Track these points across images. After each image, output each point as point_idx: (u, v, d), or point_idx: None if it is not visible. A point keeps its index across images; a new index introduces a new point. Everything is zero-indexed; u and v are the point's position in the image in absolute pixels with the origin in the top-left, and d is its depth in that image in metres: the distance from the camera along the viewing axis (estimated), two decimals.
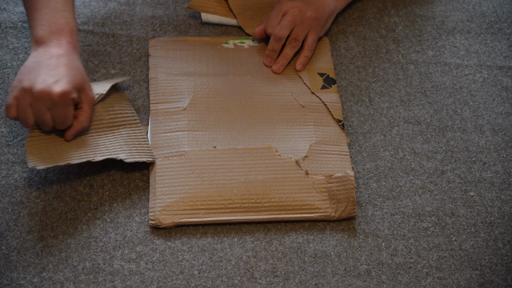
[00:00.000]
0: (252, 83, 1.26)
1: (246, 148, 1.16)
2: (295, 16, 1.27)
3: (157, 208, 1.11)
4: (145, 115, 1.23)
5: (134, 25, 1.36)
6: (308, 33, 1.28)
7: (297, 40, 1.27)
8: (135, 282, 1.06)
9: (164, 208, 1.11)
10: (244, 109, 1.23)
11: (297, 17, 1.27)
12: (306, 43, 1.28)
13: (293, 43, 1.27)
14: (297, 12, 1.27)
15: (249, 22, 1.35)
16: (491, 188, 1.18)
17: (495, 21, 1.39)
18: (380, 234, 1.12)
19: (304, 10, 1.27)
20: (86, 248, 1.09)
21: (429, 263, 1.10)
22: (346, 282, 1.07)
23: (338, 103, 1.25)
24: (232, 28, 1.36)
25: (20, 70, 1.11)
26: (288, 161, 1.15)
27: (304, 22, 1.27)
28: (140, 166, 1.17)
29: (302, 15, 1.27)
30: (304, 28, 1.28)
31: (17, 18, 1.35)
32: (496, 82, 1.31)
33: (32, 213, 1.12)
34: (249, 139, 1.19)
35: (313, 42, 1.28)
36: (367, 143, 1.22)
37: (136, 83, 1.28)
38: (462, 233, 1.13)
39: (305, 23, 1.27)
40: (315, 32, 1.29)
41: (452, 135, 1.24)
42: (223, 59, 1.30)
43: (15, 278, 1.06)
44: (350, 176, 1.12)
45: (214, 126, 1.20)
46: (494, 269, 1.09)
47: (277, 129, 1.20)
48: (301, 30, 1.27)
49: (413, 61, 1.33)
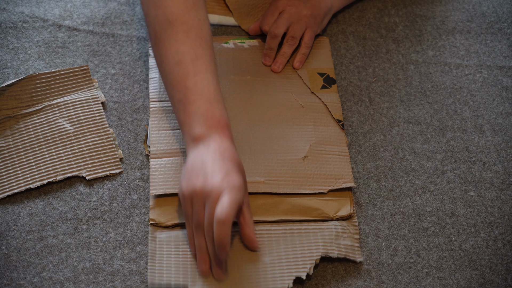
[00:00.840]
0: (252, 83, 1.26)
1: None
2: (292, 14, 1.27)
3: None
4: (145, 115, 1.23)
5: (134, 25, 1.36)
6: (305, 30, 1.28)
7: (294, 38, 1.27)
8: (135, 282, 1.06)
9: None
10: (244, 109, 1.23)
11: (293, 15, 1.27)
12: (303, 41, 1.28)
13: (291, 41, 1.27)
14: (293, 10, 1.27)
15: (245, 19, 1.35)
16: (491, 188, 1.18)
17: (495, 21, 1.39)
18: (380, 234, 1.12)
19: (300, 8, 1.27)
20: (86, 248, 1.09)
21: (429, 263, 1.10)
22: (346, 282, 1.07)
23: (338, 103, 1.25)
24: (232, 28, 1.36)
25: (185, 171, 1.04)
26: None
27: (301, 19, 1.27)
28: (140, 166, 1.18)
29: (298, 13, 1.27)
30: (301, 26, 1.28)
31: (17, 18, 1.35)
32: (496, 82, 1.31)
33: (32, 213, 1.12)
34: (249, 139, 1.19)
35: (310, 39, 1.28)
36: (367, 143, 1.22)
37: (136, 83, 1.28)
38: (462, 233, 1.13)
39: (301, 20, 1.27)
40: (312, 30, 1.29)
41: (452, 135, 1.24)
42: (223, 59, 1.30)
43: (15, 278, 1.06)
44: (354, 222, 1.12)
45: None
46: (494, 269, 1.09)
47: (277, 129, 1.20)
48: (298, 27, 1.27)
49: (413, 61, 1.33)
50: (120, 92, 1.26)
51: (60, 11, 1.36)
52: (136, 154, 1.19)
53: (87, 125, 1.20)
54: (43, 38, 1.32)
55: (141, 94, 1.26)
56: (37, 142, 1.18)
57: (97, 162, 1.17)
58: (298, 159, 1.17)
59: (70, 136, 1.19)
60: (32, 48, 1.31)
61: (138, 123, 1.23)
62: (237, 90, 1.25)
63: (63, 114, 1.21)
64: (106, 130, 1.20)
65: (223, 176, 1.01)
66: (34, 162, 1.15)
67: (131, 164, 1.18)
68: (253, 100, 1.24)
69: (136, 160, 1.18)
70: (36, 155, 1.16)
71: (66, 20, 1.35)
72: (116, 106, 1.25)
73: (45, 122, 1.20)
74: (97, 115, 1.22)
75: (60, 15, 1.36)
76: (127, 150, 1.19)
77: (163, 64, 1.10)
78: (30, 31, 1.33)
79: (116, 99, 1.25)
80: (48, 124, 1.20)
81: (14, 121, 1.20)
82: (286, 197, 1.13)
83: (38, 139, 1.18)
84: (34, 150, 1.17)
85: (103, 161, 1.17)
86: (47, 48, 1.31)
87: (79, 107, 1.22)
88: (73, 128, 1.19)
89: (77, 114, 1.21)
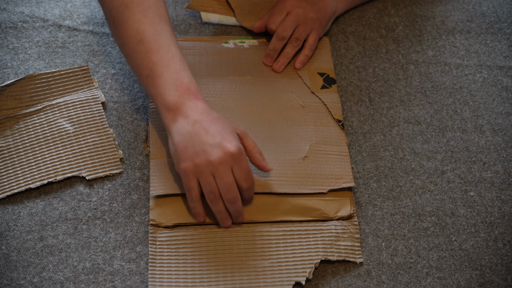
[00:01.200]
0: (252, 83, 1.26)
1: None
2: (299, 16, 1.27)
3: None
4: (145, 115, 1.23)
5: None
6: (310, 33, 1.28)
7: (298, 39, 1.27)
8: (135, 282, 1.06)
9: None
10: (244, 109, 1.23)
11: (300, 17, 1.27)
12: (308, 43, 1.28)
13: (295, 42, 1.27)
14: (301, 11, 1.27)
15: (247, 16, 1.35)
16: (491, 188, 1.18)
17: (495, 21, 1.39)
18: (380, 234, 1.12)
19: (307, 10, 1.27)
20: (86, 248, 1.09)
21: (429, 263, 1.10)
22: (346, 282, 1.07)
23: (338, 103, 1.25)
24: (232, 27, 1.36)
25: (177, 151, 1.06)
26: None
27: (307, 22, 1.27)
28: (140, 166, 1.17)
29: (305, 15, 1.27)
30: (307, 28, 1.28)
31: (17, 18, 1.35)
32: (496, 82, 1.31)
33: (32, 213, 1.12)
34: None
35: (314, 42, 1.28)
36: (367, 143, 1.22)
37: (136, 83, 1.28)
38: (462, 233, 1.13)
39: (308, 23, 1.28)
40: (317, 33, 1.29)
41: (452, 135, 1.24)
42: (223, 59, 1.29)
43: (15, 278, 1.06)
44: (354, 222, 1.11)
45: None
46: (494, 269, 1.09)
47: (277, 129, 1.20)
48: (303, 30, 1.27)
49: (413, 61, 1.33)
50: (120, 92, 1.26)
51: (60, 11, 1.36)
52: (136, 154, 1.19)
53: (87, 125, 1.20)
54: (43, 38, 1.32)
55: (141, 94, 1.26)
56: (37, 142, 1.18)
57: (97, 162, 1.16)
58: (298, 159, 1.17)
59: (70, 136, 1.19)
60: (32, 48, 1.31)
61: (138, 123, 1.23)
62: (237, 90, 1.25)
63: (63, 114, 1.21)
64: (106, 130, 1.20)
65: (219, 142, 1.05)
66: (34, 162, 1.15)
67: (131, 164, 1.18)
68: (253, 100, 1.24)
69: (136, 160, 1.18)
70: (36, 155, 1.16)
71: (66, 20, 1.35)
72: (116, 106, 1.25)
73: (45, 122, 1.20)
74: (97, 115, 1.22)
75: (60, 15, 1.36)
76: (127, 150, 1.19)
77: (125, 45, 1.13)
78: (30, 31, 1.33)
79: (116, 99, 1.25)
80: (48, 124, 1.20)
81: (14, 121, 1.20)
82: (286, 197, 1.13)
83: (38, 139, 1.18)
84: (34, 150, 1.17)
85: (103, 161, 1.17)
86: (47, 48, 1.31)
87: (79, 107, 1.22)
88: (73, 128, 1.19)
89: (77, 114, 1.21)
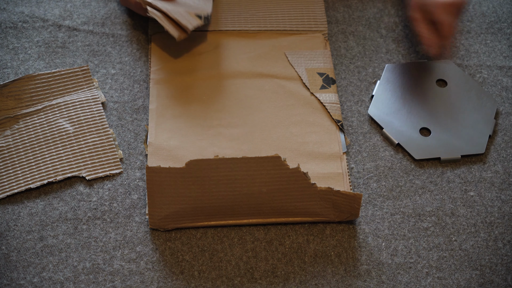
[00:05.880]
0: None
1: (251, 157, 1.07)
2: None
3: (156, 216, 1.10)
4: (145, 115, 1.24)
5: (134, 25, 1.36)
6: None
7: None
8: (135, 282, 1.06)
9: (163, 217, 1.10)
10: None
11: None
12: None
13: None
14: None
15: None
16: (491, 188, 1.18)
17: (495, 21, 1.39)
18: (380, 234, 1.12)
19: None
20: (86, 248, 1.09)
21: (429, 263, 1.10)
22: (346, 282, 1.07)
23: (337, 103, 1.25)
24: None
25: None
26: (295, 171, 1.08)
27: None
28: (140, 166, 1.18)
29: None
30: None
31: (17, 18, 1.35)
32: (496, 82, 1.31)
33: (32, 213, 1.12)
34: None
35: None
36: (367, 143, 1.22)
37: (136, 83, 1.28)
38: (462, 233, 1.13)
39: None
40: None
41: None
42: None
43: (15, 278, 1.06)
44: (358, 196, 1.09)
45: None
46: (494, 269, 1.09)
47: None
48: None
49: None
50: (120, 92, 1.26)
51: (60, 11, 1.36)
52: (136, 154, 1.19)
53: (87, 125, 1.20)
54: (43, 38, 1.32)
55: (141, 94, 1.26)
56: (37, 142, 1.18)
57: (97, 162, 1.17)
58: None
59: (70, 136, 1.19)
60: (32, 48, 1.31)
61: (138, 123, 1.23)
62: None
63: (63, 114, 1.21)
64: (106, 130, 1.20)
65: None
66: (34, 162, 1.15)
67: (131, 164, 1.18)
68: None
69: (136, 160, 1.19)
70: (36, 155, 1.16)
71: (66, 20, 1.35)
72: (116, 106, 1.25)
73: (45, 122, 1.20)
74: (97, 115, 1.22)
75: (60, 15, 1.36)
76: (127, 150, 1.20)
77: None
78: (30, 31, 1.33)
79: (116, 99, 1.25)
80: (48, 124, 1.20)
81: (14, 121, 1.20)
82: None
83: (38, 139, 1.18)
84: (34, 150, 1.17)
85: (103, 161, 1.17)
86: (47, 48, 1.31)
87: (79, 107, 1.22)
88: (73, 128, 1.19)
89: (77, 114, 1.21)
